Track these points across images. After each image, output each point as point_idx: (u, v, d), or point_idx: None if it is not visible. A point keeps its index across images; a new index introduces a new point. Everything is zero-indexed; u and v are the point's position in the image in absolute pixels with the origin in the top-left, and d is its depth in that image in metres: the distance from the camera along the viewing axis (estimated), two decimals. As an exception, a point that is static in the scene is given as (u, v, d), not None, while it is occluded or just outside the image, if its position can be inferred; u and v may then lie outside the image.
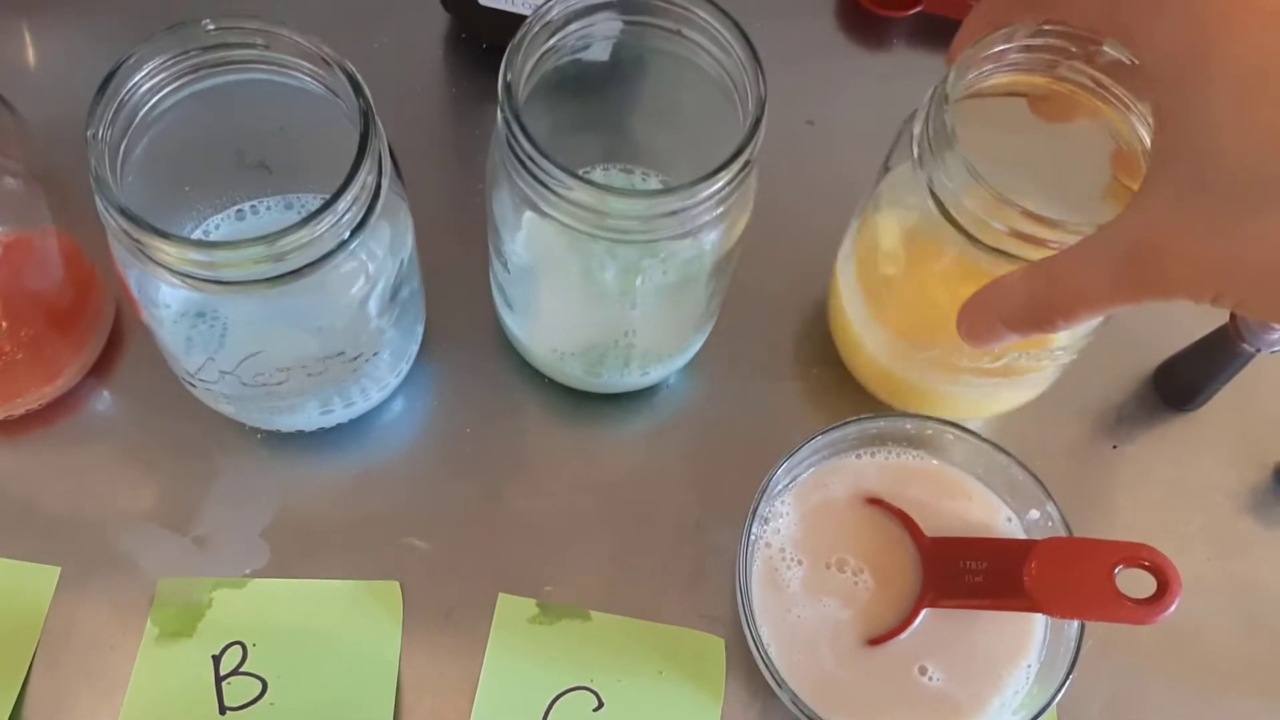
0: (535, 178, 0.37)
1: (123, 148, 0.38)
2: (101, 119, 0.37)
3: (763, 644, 0.43)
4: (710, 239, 0.42)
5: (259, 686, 0.44)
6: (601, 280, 0.43)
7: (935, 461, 0.47)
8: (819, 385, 0.52)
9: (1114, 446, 0.52)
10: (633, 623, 0.47)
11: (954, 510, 0.47)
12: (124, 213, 0.36)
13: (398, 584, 0.47)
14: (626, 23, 0.39)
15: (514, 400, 0.51)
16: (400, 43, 0.58)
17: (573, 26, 0.39)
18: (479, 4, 0.54)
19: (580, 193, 0.36)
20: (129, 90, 0.37)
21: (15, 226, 0.40)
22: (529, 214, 0.40)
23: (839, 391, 0.52)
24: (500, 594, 0.47)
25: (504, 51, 0.37)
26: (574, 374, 0.49)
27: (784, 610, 0.44)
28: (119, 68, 0.37)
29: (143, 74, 0.38)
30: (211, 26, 0.38)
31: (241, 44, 0.39)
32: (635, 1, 0.39)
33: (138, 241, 0.37)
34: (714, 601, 0.48)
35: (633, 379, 0.49)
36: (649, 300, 0.44)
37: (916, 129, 0.39)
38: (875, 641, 0.44)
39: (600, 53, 0.40)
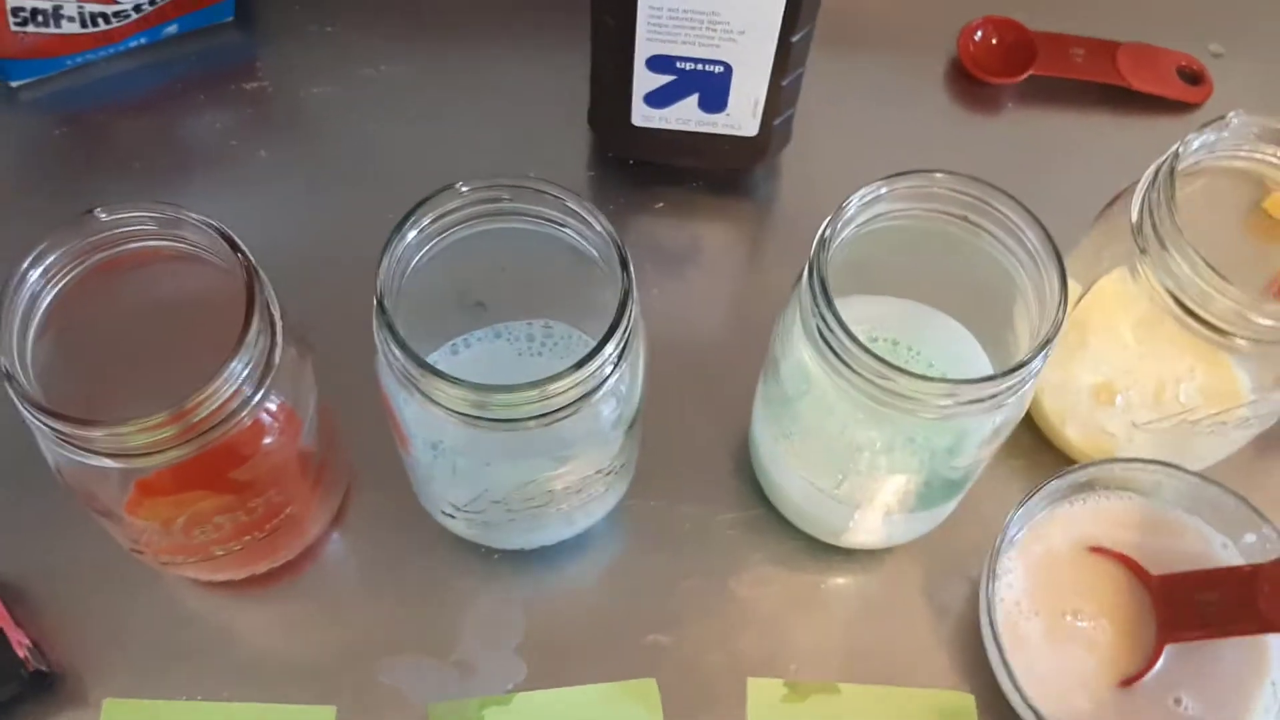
0: (828, 343, 0.40)
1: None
2: (387, 273, 0.40)
3: (1026, 696, 0.45)
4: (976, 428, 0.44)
5: (547, 797, 0.46)
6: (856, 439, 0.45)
7: (1144, 500, 0.50)
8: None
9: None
10: (882, 689, 0.49)
11: (1170, 546, 0.49)
12: (413, 357, 0.39)
13: (654, 681, 0.49)
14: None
15: (728, 494, 0.53)
16: (552, 167, 0.61)
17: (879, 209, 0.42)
18: (631, 125, 0.57)
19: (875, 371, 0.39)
20: (405, 249, 0.41)
21: (288, 395, 0.43)
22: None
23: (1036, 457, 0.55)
24: (749, 678, 0.49)
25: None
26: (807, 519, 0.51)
27: (1032, 662, 0.47)
28: (401, 226, 0.40)
29: (413, 233, 0.41)
30: (465, 188, 0.41)
31: (488, 200, 0.42)
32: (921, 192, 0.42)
33: (414, 384, 0.39)
34: (954, 661, 0.50)
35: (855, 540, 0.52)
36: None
37: (1134, 215, 0.42)
38: (1126, 683, 0.46)
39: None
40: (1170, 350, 0.49)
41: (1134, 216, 0.43)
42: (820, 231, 0.40)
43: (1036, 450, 0.55)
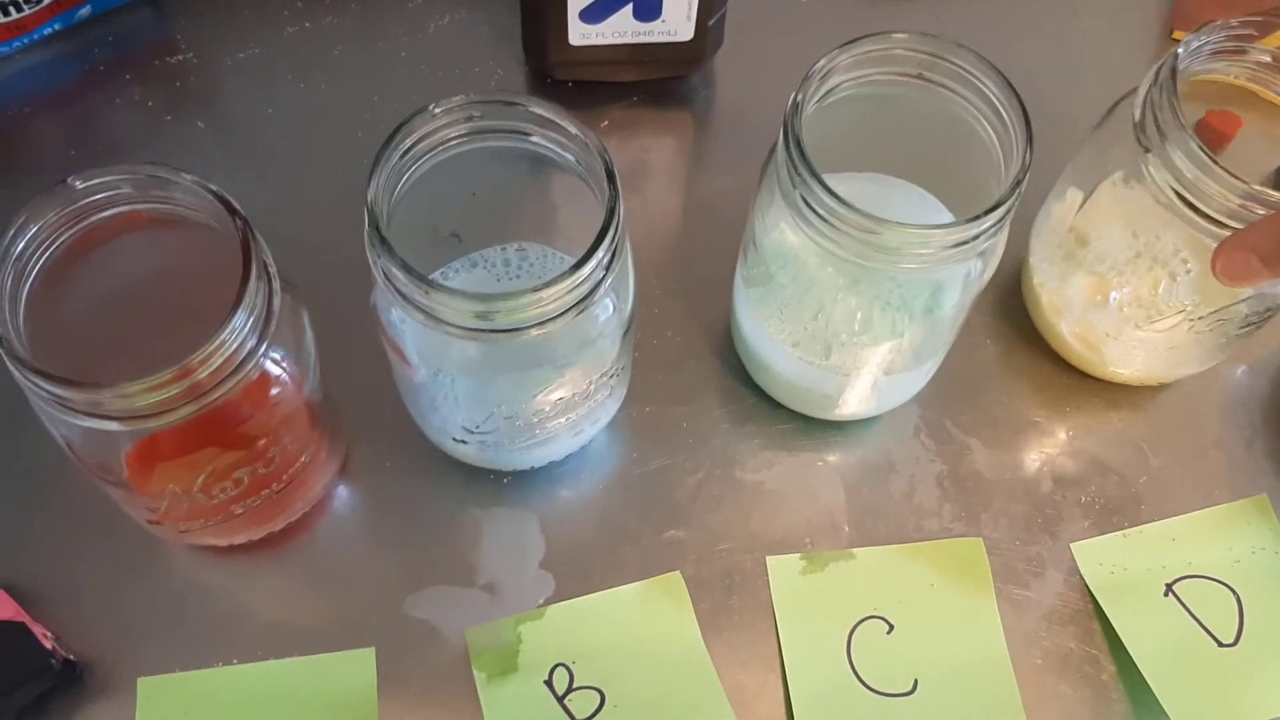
0: (811, 206, 0.41)
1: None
2: (376, 197, 0.40)
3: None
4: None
5: (597, 697, 0.48)
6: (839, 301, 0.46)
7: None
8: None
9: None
10: (893, 548, 0.51)
11: None
12: (414, 275, 0.39)
13: (678, 573, 0.50)
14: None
15: (718, 389, 0.55)
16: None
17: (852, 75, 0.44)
18: (569, 45, 0.58)
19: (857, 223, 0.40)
20: (389, 174, 0.41)
21: (289, 345, 0.43)
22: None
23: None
24: (767, 557, 0.51)
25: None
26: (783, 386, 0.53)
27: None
28: (385, 148, 0.40)
29: (407, 143, 0.41)
30: (437, 109, 0.41)
31: (461, 119, 0.42)
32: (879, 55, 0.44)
33: (416, 304, 0.40)
34: (958, 510, 0.52)
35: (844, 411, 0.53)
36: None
37: (1137, 114, 0.44)
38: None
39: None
40: (1167, 250, 0.49)
41: (1136, 116, 0.45)
42: (792, 98, 0.41)
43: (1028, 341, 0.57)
